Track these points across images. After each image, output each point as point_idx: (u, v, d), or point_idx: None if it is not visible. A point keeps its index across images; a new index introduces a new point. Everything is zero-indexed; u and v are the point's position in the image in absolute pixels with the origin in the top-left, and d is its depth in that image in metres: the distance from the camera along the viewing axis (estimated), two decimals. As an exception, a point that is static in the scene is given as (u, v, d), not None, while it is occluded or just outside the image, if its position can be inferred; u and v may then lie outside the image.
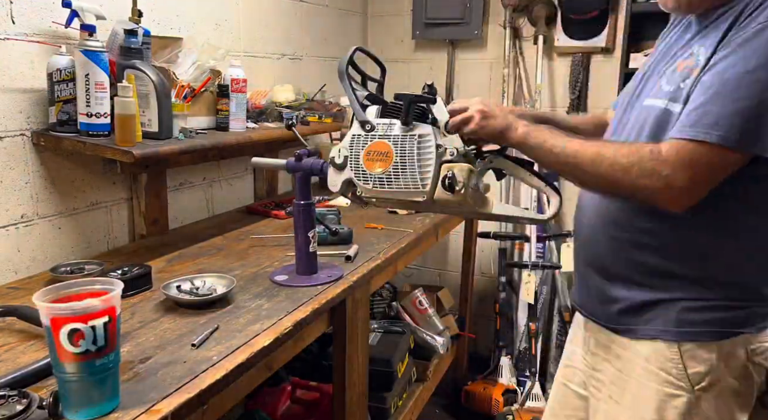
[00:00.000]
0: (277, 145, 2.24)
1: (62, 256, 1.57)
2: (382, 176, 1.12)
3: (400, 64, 3.06)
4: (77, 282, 0.89)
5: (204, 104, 1.88)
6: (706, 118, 0.90)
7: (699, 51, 0.97)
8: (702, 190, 0.94)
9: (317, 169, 1.37)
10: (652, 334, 1.07)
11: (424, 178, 1.09)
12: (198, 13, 1.97)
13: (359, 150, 1.15)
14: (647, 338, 1.08)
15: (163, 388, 0.94)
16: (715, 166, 0.92)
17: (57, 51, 1.44)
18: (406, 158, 1.10)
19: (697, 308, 1.04)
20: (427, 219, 2.07)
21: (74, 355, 0.82)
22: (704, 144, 0.90)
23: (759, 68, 0.88)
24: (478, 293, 3.06)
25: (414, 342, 2.34)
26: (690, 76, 0.97)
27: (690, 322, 1.04)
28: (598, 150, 0.99)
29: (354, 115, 1.17)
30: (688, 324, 1.04)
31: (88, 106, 1.44)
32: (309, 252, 1.44)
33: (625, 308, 1.11)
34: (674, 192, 0.93)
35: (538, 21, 2.70)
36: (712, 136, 0.89)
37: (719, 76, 0.91)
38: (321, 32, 2.73)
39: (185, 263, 1.56)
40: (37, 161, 1.49)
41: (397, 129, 1.12)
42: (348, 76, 1.17)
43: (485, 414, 2.61)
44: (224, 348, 1.09)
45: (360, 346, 1.59)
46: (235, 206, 2.23)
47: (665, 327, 1.05)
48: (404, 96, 1.12)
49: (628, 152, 0.96)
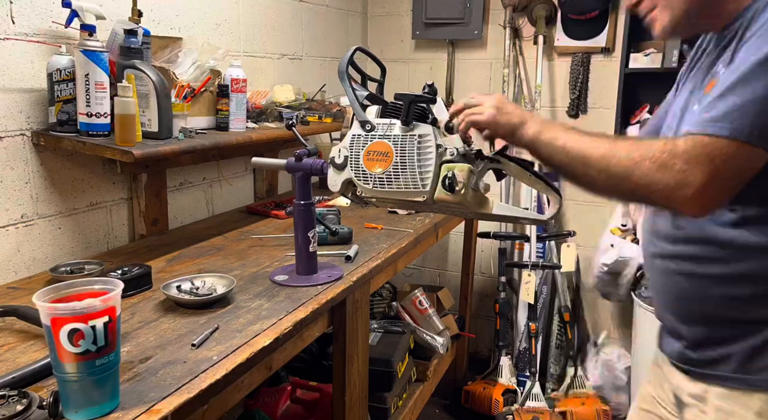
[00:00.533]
0: (277, 145, 2.24)
1: (62, 256, 1.57)
2: (382, 176, 1.12)
3: (400, 64, 3.06)
4: (77, 282, 0.89)
5: (204, 104, 1.88)
6: (721, 111, 0.85)
7: (719, 68, 0.94)
8: (721, 189, 0.87)
9: (317, 169, 1.37)
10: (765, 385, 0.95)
11: (424, 178, 1.09)
12: (198, 13, 1.97)
13: (359, 150, 1.15)
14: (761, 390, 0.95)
15: (163, 388, 0.94)
16: (733, 162, 0.85)
17: (57, 51, 1.44)
18: (406, 158, 1.10)
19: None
20: (427, 219, 2.07)
21: (74, 355, 0.82)
22: (720, 138, 0.84)
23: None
24: (478, 293, 3.06)
25: (414, 342, 2.34)
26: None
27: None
28: (611, 144, 0.93)
29: (354, 115, 1.17)
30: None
31: (88, 106, 1.44)
32: (309, 252, 1.44)
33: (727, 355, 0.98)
34: (690, 190, 0.85)
35: (538, 21, 2.70)
36: (726, 130, 0.83)
37: (734, 71, 0.87)
38: (321, 32, 2.73)
39: (185, 263, 1.56)
40: (37, 161, 1.49)
41: (398, 129, 1.12)
42: (348, 76, 1.16)
43: (485, 414, 2.61)
44: (224, 348, 1.09)
45: (360, 346, 1.59)
46: (235, 206, 2.23)
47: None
48: (404, 96, 1.11)
49: (641, 146, 0.90)
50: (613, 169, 0.91)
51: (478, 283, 3.04)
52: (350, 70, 1.18)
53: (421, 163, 1.09)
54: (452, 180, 1.06)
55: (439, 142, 1.09)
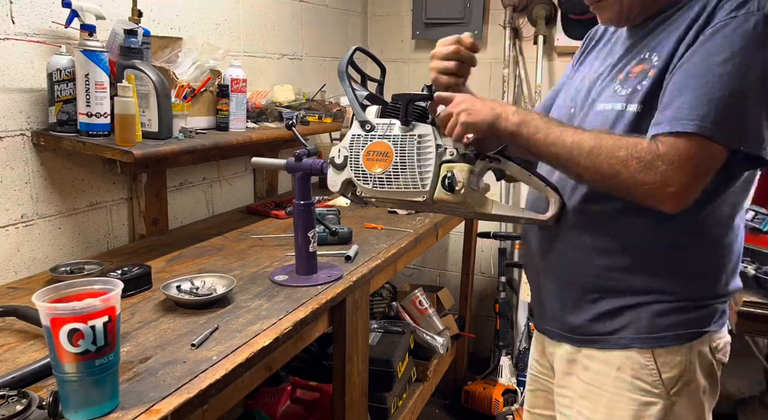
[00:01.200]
0: (277, 145, 2.24)
1: (62, 256, 1.57)
2: (382, 176, 1.12)
3: (400, 64, 3.06)
4: (77, 282, 0.89)
5: (204, 104, 1.88)
6: (694, 110, 0.89)
7: (652, 55, 0.99)
8: (698, 186, 0.92)
9: (317, 169, 1.37)
10: (624, 342, 1.05)
11: (424, 178, 1.09)
12: (198, 13, 1.97)
13: (359, 150, 1.15)
14: (618, 348, 1.05)
15: (163, 388, 0.94)
16: (708, 160, 0.91)
17: (57, 51, 1.44)
18: (406, 158, 1.10)
19: (666, 311, 1.03)
20: (427, 219, 2.07)
21: (74, 355, 0.82)
22: (696, 137, 0.89)
23: (728, 60, 0.89)
24: (478, 293, 3.06)
25: (414, 342, 2.34)
26: (647, 78, 0.98)
27: (662, 326, 1.03)
28: (595, 142, 0.96)
29: (354, 115, 1.17)
30: (660, 329, 1.03)
31: (87, 106, 1.44)
32: (309, 252, 1.44)
33: (592, 318, 1.08)
34: (672, 189, 0.91)
35: (538, 21, 2.70)
36: (702, 129, 0.88)
37: (691, 70, 0.91)
38: (321, 32, 2.73)
39: (185, 263, 1.56)
40: (37, 161, 1.49)
41: (397, 129, 1.12)
42: (348, 76, 1.16)
43: (485, 414, 2.61)
44: (224, 348, 1.09)
45: (360, 346, 1.59)
46: (235, 206, 2.23)
47: (638, 334, 1.04)
48: (402, 96, 1.11)
49: (626, 144, 0.93)
50: (600, 166, 0.95)
51: (478, 283, 3.04)
52: (350, 70, 1.18)
53: (420, 163, 1.09)
54: (452, 180, 1.06)
55: (438, 142, 1.09)
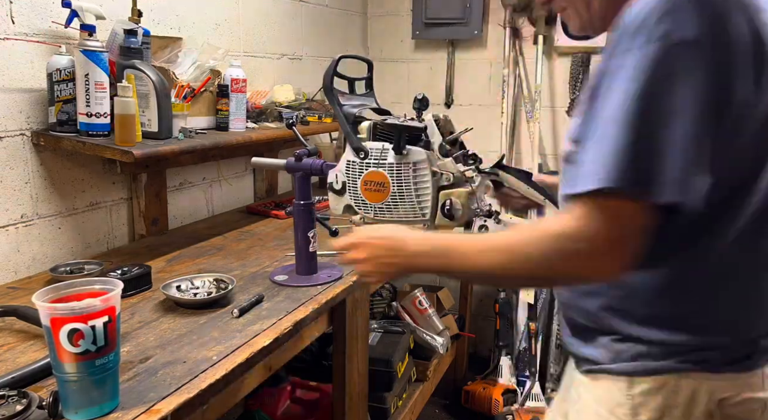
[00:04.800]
0: (277, 145, 2.24)
1: (62, 256, 1.57)
2: (382, 206, 1.13)
3: (400, 64, 3.06)
4: (77, 282, 0.89)
5: (204, 104, 1.88)
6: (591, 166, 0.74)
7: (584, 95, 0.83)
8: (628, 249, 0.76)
9: (317, 169, 1.37)
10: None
11: (423, 207, 1.09)
12: (198, 13, 1.97)
13: (356, 177, 1.15)
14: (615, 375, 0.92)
15: (163, 388, 0.94)
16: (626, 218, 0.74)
17: (57, 51, 1.44)
18: (403, 188, 1.10)
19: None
20: (427, 219, 2.07)
21: (74, 355, 0.82)
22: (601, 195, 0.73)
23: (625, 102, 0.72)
24: (478, 293, 3.06)
25: (414, 342, 2.34)
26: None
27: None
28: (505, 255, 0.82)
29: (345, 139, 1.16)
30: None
31: (87, 106, 1.44)
32: (309, 252, 1.44)
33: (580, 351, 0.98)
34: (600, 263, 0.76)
35: (538, 21, 2.70)
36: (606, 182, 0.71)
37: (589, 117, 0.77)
38: (321, 32, 2.73)
39: (185, 263, 1.56)
40: (36, 161, 1.49)
41: (391, 157, 1.11)
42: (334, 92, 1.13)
43: (485, 414, 2.61)
44: (224, 348, 1.09)
45: (360, 346, 1.59)
46: (235, 206, 2.23)
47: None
48: (394, 127, 1.10)
49: (537, 240, 0.79)
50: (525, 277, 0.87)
51: (478, 283, 3.04)
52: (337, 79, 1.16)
53: (418, 191, 1.09)
54: (451, 209, 1.07)
55: (434, 168, 1.09)
